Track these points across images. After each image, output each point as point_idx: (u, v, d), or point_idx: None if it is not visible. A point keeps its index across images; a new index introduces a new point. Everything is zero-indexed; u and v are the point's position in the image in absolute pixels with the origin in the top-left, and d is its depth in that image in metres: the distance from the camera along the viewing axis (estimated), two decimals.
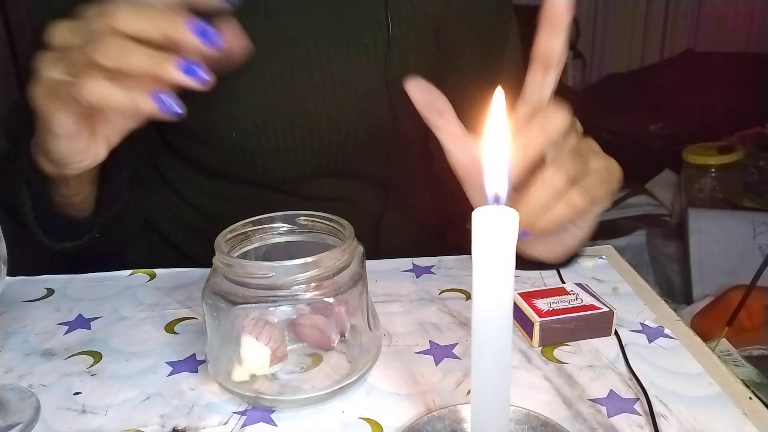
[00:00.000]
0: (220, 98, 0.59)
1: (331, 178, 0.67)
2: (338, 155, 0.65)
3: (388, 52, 0.61)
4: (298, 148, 0.63)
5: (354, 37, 0.61)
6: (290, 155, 0.63)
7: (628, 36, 2.39)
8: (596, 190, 0.47)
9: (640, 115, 2.06)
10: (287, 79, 0.60)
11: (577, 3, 0.47)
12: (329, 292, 0.38)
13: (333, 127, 0.63)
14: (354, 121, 0.63)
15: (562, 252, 0.55)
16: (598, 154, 0.49)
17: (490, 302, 0.29)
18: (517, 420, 0.36)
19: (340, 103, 0.62)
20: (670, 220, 1.70)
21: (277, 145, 0.62)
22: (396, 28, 0.62)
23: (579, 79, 2.31)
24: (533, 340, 0.45)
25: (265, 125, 0.61)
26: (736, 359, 0.94)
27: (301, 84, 0.60)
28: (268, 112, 0.60)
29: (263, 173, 0.65)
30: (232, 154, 0.63)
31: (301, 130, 0.62)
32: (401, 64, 0.63)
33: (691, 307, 1.25)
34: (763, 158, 1.73)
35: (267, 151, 0.62)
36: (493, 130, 0.29)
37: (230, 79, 0.59)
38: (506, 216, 0.28)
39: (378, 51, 0.61)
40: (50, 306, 0.53)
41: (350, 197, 0.69)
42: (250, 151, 0.63)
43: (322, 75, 0.60)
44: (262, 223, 0.44)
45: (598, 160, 0.48)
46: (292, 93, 0.60)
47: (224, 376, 0.39)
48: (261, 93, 0.60)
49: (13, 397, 0.41)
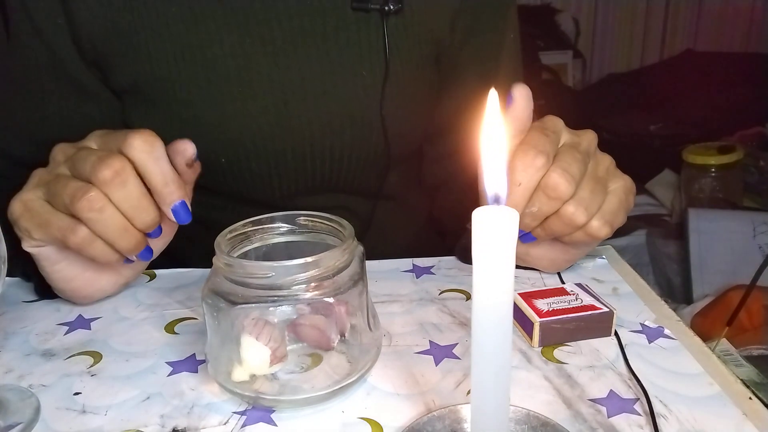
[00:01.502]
0: (211, 123, 0.59)
1: (323, 194, 0.67)
2: (329, 176, 0.64)
3: (385, 83, 0.60)
4: (290, 172, 0.62)
5: (351, 68, 0.60)
6: (281, 179, 0.63)
7: (628, 36, 2.39)
8: (615, 217, 0.48)
9: (640, 115, 2.06)
10: (280, 109, 0.59)
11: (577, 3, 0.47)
12: (329, 292, 0.38)
13: (326, 153, 0.62)
14: (348, 148, 0.62)
15: (565, 265, 0.55)
16: (614, 172, 0.49)
17: (490, 302, 0.29)
18: (517, 420, 0.36)
19: (335, 131, 0.61)
20: (670, 220, 1.70)
21: (268, 170, 0.62)
22: (395, 59, 0.60)
23: (579, 79, 2.32)
24: (533, 340, 0.45)
25: (256, 152, 0.60)
26: (736, 359, 0.94)
27: (296, 113, 0.59)
28: (260, 139, 0.60)
29: (254, 193, 0.64)
30: (221, 176, 0.62)
31: (293, 156, 0.61)
32: (398, 93, 0.61)
33: (691, 307, 1.25)
34: (763, 158, 1.73)
35: (257, 175, 0.62)
36: (491, 131, 0.29)
37: (221, 107, 0.58)
38: (506, 216, 0.28)
39: (375, 82, 0.60)
40: (50, 306, 0.53)
41: (344, 205, 0.69)
42: (239, 174, 0.62)
43: (317, 105, 0.59)
44: (262, 223, 0.44)
45: (616, 181, 0.49)
46: (286, 122, 0.59)
47: (224, 376, 0.39)
48: (253, 121, 0.59)
49: (13, 398, 0.41)
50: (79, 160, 0.45)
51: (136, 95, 0.60)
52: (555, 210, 0.46)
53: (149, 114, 0.60)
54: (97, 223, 0.43)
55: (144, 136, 0.44)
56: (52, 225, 0.45)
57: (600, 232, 0.47)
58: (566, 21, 2.29)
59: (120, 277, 0.52)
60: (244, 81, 0.58)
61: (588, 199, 0.46)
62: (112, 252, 0.45)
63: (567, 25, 2.29)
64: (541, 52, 2.18)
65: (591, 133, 0.49)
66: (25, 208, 0.46)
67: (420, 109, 0.66)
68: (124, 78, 0.59)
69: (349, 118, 0.61)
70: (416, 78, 0.63)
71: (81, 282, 0.50)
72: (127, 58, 0.58)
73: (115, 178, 0.43)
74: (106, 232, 0.44)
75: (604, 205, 0.47)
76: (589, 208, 0.46)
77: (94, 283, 0.51)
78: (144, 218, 0.45)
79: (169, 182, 0.45)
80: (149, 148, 0.44)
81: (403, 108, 0.63)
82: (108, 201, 0.43)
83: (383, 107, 0.61)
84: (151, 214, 0.45)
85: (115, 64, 0.58)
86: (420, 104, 0.65)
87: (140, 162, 0.44)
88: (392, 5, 0.58)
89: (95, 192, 0.43)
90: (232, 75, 0.58)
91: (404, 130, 0.64)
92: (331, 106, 0.60)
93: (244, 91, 0.58)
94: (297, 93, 0.59)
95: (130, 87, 0.59)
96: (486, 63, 0.67)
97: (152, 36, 0.57)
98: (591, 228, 0.47)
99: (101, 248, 0.45)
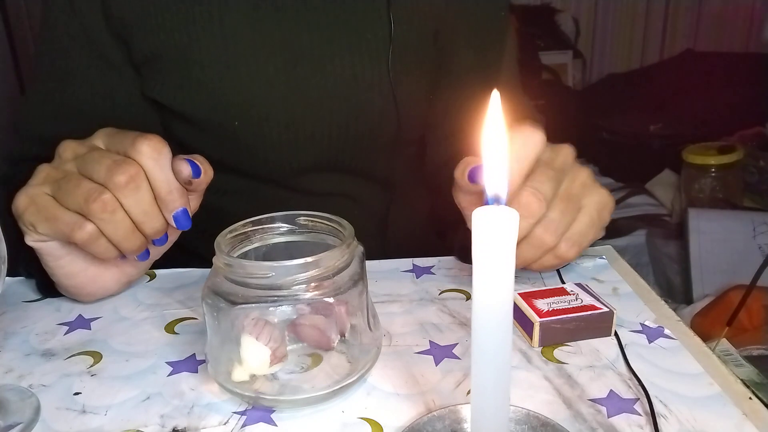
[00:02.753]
0: (224, 88, 0.60)
1: (332, 173, 0.68)
2: (339, 148, 0.65)
3: (391, 47, 0.62)
4: (300, 140, 0.63)
5: (356, 32, 0.62)
6: (292, 147, 0.64)
7: (628, 36, 2.38)
8: (584, 237, 0.48)
9: (640, 115, 2.06)
10: (291, 72, 0.61)
11: (577, 3, 0.47)
12: (329, 292, 0.38)
13: (335, 118, 0.63)
14: (356, 113, 0.63)
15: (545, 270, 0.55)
16: (590, 187, 0.49)
17: (490, 302, 0.29)
18: (517, 420, 0.36)
19: (343, 95, 0.62)
20: (670, 220, 1.70)
21: (279, 136, 0.63)
22: (397, 26, 0.62)
23: (579, 79, 2.31)
24: (533, 340, 0.45)
25: (267, 115, 0.62)
26: (736, 359, 0.94)
27: (305, 76, 0.61)
28: (272, 102, 0.61)
29: (263, 166, 0.65)
30: (233, 144, 0.63)
31: (303, 122, 0.62)
32: (402, 59, 0.63)
33: (691, 307, 1.26)
34: (763, 158, 1.73)
35: (269, 142, 0.63)
36: (491, 132, 0.29)
37: (235, 69, 0.60)
38: (506, 216, 0.28)
39: (380, 46, 0.62)
40: (50, 306, 0.53)
41: (351, 193, 0.70)
42: (252, 141, 0.63)
43: (324, 68, 0.61)
44: (262, 223, 0.44)
45: (590, 196, 0.49)
46: (296, 85, 0.61)
47: (224, 376, 0.39)
48: (265, 84, 0.60)
49: (13, 397, 0.41)
50: (91, 162, 0.45)
51: (154, 65, 0.62)
52: (526, 231, 0.46)
53: (166, 81, 0.62)
54: (107, 224, 0.45)
55: (152, 143, 0.45)
56: (59, 220, 0.45)
57: (567, 253, 0.48)
58: (566, 21, 2.29)
59: (123, 275, 0.53)
60: (257, 44, 0.60)
61: (557, 221, 0.46)
62: (114, 250, 0.47)
63: (567, 25, 2.29)
64: (541, 52, 2.18)
65: (567, 148, 0.49)
66: (30, 202, 0.46)
67: (425, 79, 0.67)
68: (145, 47, 0.61)
69: (355, 80, 0.62)
70: (419, 47, 0.65)
71: (84, 278, 0.51)
72: (149, 28, 0.60)
73: (129, 183, 0.44)
74: (114, 233, 0.45)
75: (574, 226, 0.48)
76: (558, 229, 0.46)
77: (97, 280, 0.51)
78: (153, 224, 0.46)
79: (173, 190, 0.46)
80: (156, 155, 0.45)
81: (410, 75, 0.65)
82: (119, 204, 0.45)
83: (390, 68, 0.63)
84: (160, 221, 0.46)
85: (137, 35, 0.60)
86: (425, 73, 0.67)
87: (147, 168, 0.45)
88: None
89: (109, 195, 0.44)
90: (246, 38, 0.60)
91: (412, 98, 0.66)
92: (337, 69, 0.62)
93: (256, 54, 0.60)
94: (306, 55, 0.61)
95: (150, 57, 0.61)
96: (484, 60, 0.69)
97: (173, 4, 0.59)
98: (559, 250, 0.47)
99: (104, 246, 0.46)
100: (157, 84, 0.62)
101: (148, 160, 0.45)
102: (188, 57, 0.60)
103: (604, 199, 0.49)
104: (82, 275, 0.50)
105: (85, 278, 0.51)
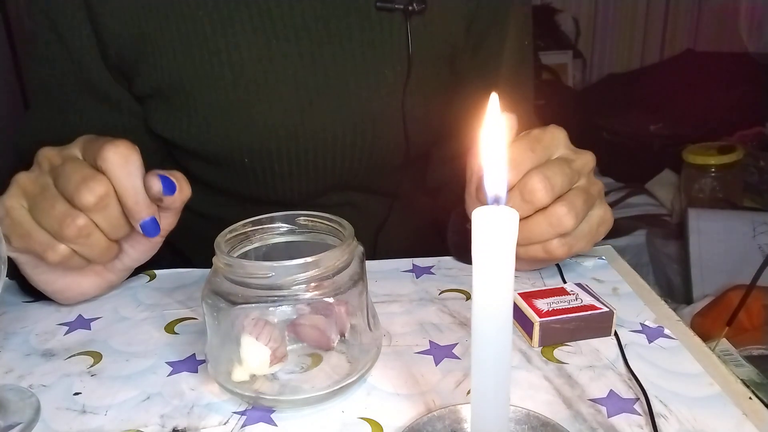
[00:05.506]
0: (236, 126, 0.59)
1: (339, 192, 0.67)
2: (349, 174, 0.65)
3: (407, 83, 0.61)
4: (310, 172, 0.63)
5: (375, 68, 0.60)
6: (302, 178, 0.63)
7: (628, 36, 2.38)
8: (577, 244, 0.49)
9: (640, 115, 2.06)
10: (305, 109, 0.59)
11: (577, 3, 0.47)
12: (329, 292, 0.38)
13: (347, 152, 0.62)
14: (368, 145, 0.63)
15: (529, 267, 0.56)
16: (599, 200, 0.50)
17: (490, 302, 0.29)
18: (517, 420, 0.36)
19: (356, 130, 0.61)
20: (670, 220, 1.70)
21: (290, 170, 0.62)
22: (417, 59, 0.61)
23: (579, 79, 2.31)
24: (533, 340, 0.45)
25: (279, 152, 0.61)
26: (736, 359, 0.94)
27: (320, 113, 0.60)
28: (284, 139, 0.60)
29: (273, 195, 0.64)
30: (243, 177, 0.63)
31: (315, 156, 0.62)
32: (418, 91, 0.62)
33: (691, 307, 1.26)
34: (763, 158, 1.73)
35: (279, 175, 0.62)
36: (491, 132, 0.29)
37: (247, 108, 0.58)
38: (506, 216, 0.28)
39: (397, 81, 0.61)
40: (50, 306, 0.53)
41: (356, 203, 0.69)
42: (261, 175, 0.62)
43: (340, 104, 0.60)
44: (262, 223, 0.44)
45: (596, 208, 0.49)
46: (310, 122, 0.60)
47: (224, 376, 0.39)
48: (278, 123, 0.59)
49: (13, 398, 0.41)
50: (63, 177, 0.45)
51: (158, 100, 0.60)
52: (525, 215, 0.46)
53: (173, 118, 0.60)
54: (82, 246, 0.45)
55: (119, 149, 0.44)
56: (32, 239, 0.45)
57: (557, 251, 0.48)
58: (566, 21, 2.29)
59: (102, 280, 0.52)
60: (269, 84, 0.58)
61: (579, 208, 0.46)
62: (87, 263, 0.47)
63: (567, 25, 2.29)
64: (541, 52, 2.18)
65: (589, 155, 0.49)
66: (6, 215, 0.46)
67: (438, 108, 0.66)
68: (149, 83, 0.59)
69: (371, 116, 0.61)
70: (435, 78, 0.64)
71: (62, 285, 0.51)
72: (152, 64, 0.58)
73: (98, 203, 0.44)
74: (90, 253, 0.46)
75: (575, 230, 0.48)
76: (579, 215, 0.47)
77: (75, 287, 0.51)
78: (119, 234, 0.47)
79: (139, 200, 0.45)
80: (123, 161, 0.44)
81: (423, 107, 0.64)
82: (95, 226, 0.45)
83: (405, 105, 0.61)
84: (125, 230, 0.47)
85: (140, 70, 0.59)
86: (438, 104, 0.66)
87: (113, 177, 0.44)
88: (416, 5, 0.59)
89: (83, 220, 0.44)
90: (258, 78, 0.58)
91: (423, 128, 0.65)
92: (354, 106, 0.60)
93: (269, 94, 0.58)
94: (322, 93, 0.59)
95: (153, 92, 0.60)
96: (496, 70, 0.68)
97: (178, 40, 0.57)
98: (550, 244, 0.47)
99: (78, 262, 0.47)
100: (161, 120, 0.61)
101: (115, 167, 0.44)
102: (196, 97, 0.58)
103: (607, 216, 0.50)
104: (60, 282, 0.50)
105: (63, 285, 0.50)
